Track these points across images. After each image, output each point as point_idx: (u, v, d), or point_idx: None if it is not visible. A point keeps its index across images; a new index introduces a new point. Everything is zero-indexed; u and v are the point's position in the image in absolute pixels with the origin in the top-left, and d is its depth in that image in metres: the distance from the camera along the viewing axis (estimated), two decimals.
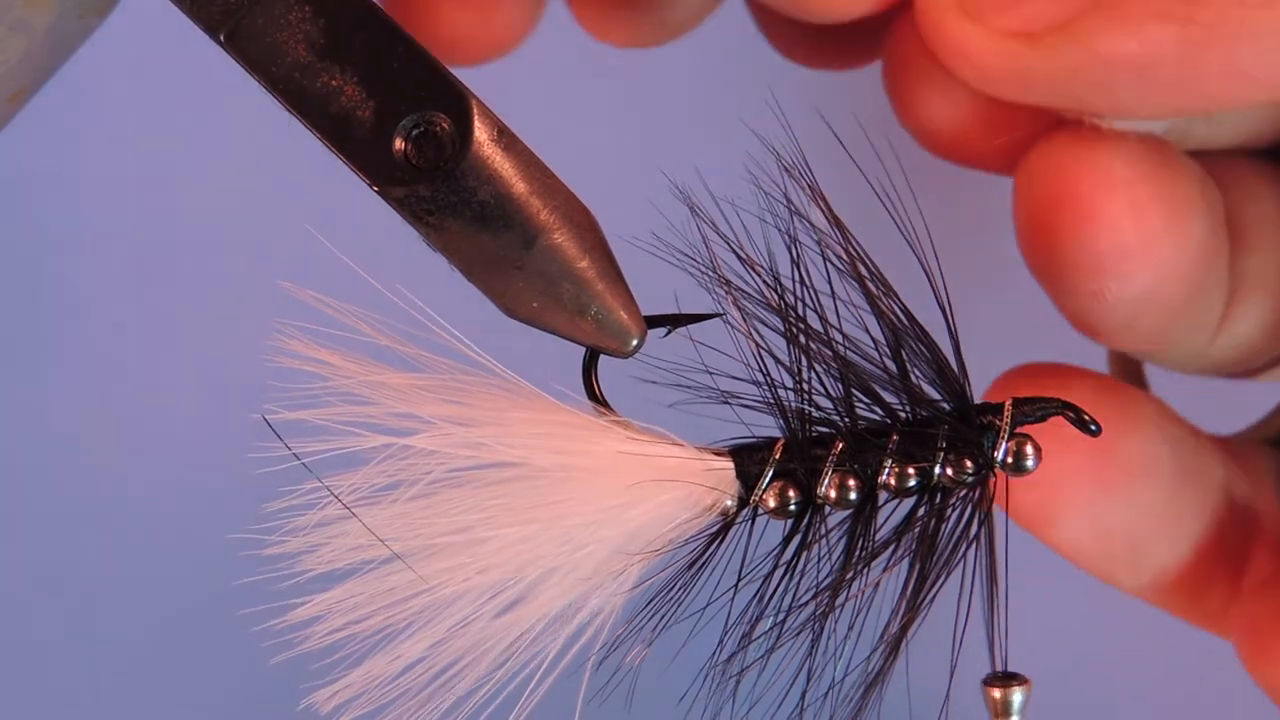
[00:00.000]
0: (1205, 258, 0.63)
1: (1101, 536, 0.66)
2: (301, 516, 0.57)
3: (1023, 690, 0.60)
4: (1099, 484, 0.65)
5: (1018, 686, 0.60)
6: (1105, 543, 0.67)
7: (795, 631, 0.59)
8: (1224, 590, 0.69)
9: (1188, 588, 0.69)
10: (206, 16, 0.56)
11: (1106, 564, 0.67)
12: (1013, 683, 0.60)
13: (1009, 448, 0.60)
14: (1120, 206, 0.61)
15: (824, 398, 0.60)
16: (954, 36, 0.59)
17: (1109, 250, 0.61)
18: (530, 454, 0.58)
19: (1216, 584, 0.69)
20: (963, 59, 0.59)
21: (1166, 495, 0.67)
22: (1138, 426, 0.66)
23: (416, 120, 0.57)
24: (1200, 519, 0.68)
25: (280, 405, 0.56)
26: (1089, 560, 0.67)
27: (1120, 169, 0.61)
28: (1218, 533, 0.68)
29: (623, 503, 0.58)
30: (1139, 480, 0.66)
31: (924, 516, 0.60)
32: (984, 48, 0.59)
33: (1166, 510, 0.67)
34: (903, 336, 0.60)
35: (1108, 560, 0.67)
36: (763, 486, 0.60)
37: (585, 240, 0.58)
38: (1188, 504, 0.68)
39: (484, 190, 0.57)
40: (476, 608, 0.58)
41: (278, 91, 0.57)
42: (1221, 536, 0.68)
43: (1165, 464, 0.67)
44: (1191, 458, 0.68)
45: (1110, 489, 0.65)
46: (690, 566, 0.59)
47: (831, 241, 0.60)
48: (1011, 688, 0.60)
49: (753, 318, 0.60)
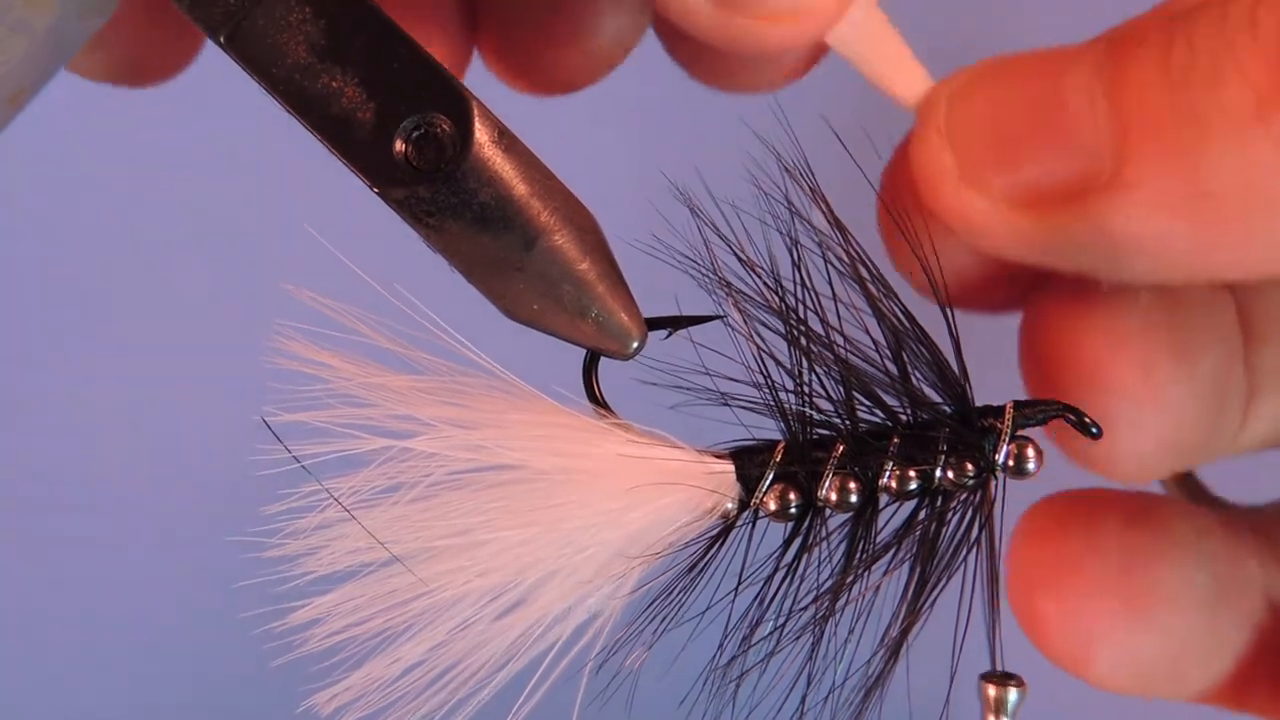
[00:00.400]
0: (1219, 384, 0.61)
1: (1139, 667, 0.64)
2: (301, 519, 0.57)
3: (1018, 691, 0.60)
4: (1132, 619, 0.63)
5: (1014, 687, 0.60)
6: (1144, 672, 0.64)
7: (796, 635, 0.59)
8: (1275, 685, 0.66)
9: (1236, 691, 0.66)
10: (207, 17, 0.56)
11: (1147, 689, 0.65)
12: (1010, 683, 0.60)
13: (1010, 451, 0.60)
14: (1127, 369, 0.59)
15: (825, 400, 0.60)
16: (954, 204, 0.57)
17: (1119, 414, 0.60)
18: (530, 456, 0.58)
19: (1264, 681, 0.66)
20: (964, 225, 0.57)
21: (1204, 619, 0.64)
22: (1169, 555, 0.64)
23: (417, 122, 0.57)
24: (1242, 632, 0.65)
25: (280, 407, 0.56)
26: (1130, 689, 0.65)
27: (1125, 327, 0.59)
28: (1261, 640, 0.65)
29: (623, 505, 0.58)
30: (1173, 610, 0.63)
31: (925, 520, 0.60)
32: (986, 216, 0.57)
33: (1206, 632, 0.64)
34: (904, 339, 0.60)
35: (1149, 686, 0.65)
36: (763, 489, 0.60)
37: (586, 242, 0.58)
38: (1227, 622, 0.65)
39: (484, 192, 0.57)
40: (476, 610, 0.58)
41: (278, 93, 0.57)
42: (1265, 641, 0.66)
43: (1200, 589, 0.64)
44: (1228, 572, 0.65)
45: (1144, 622, 0.63)
46: (690, 569, 0.59)
47: (832, 243, 0.60)
48: (1008, 687, 0.60)
49: (753, 320, 0.60)
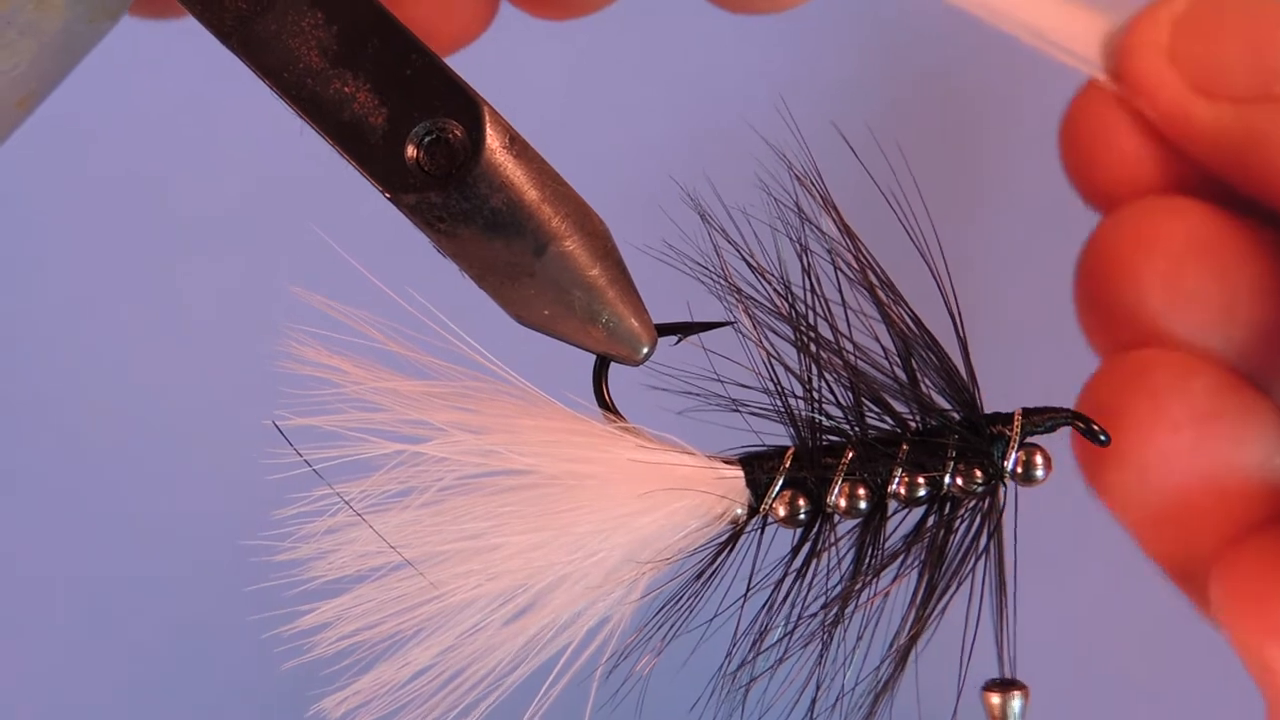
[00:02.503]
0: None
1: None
2: (312, 523, 0.57)
3: (1021, 697, 0.60)
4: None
5: (1017, 693, 0.60)
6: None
7: (804, 641, 0.59)
8: None
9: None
10: (218, 21, 0.56)
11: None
12: (1012, 689, 0.60)
13: (1019, 458, 0.60)
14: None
15: (834, 406, 0.60)
16: (1151, 72, 0.65)
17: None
18: (541, 461, 0.58)
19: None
20: (1151, 94, 0.65)
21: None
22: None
23: (429, 127, 0.57)
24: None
25: (291, 411, 0.56)
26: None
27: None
28: None
29: (633, 510, 0.58)
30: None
31: (933, 526, 0.60)
32: (1173, 91, 0.65)
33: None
34: (913, 345, 0.60)
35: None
36: (773, 495, 0.60)
37: (597, 248, 0.58)
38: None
39: (496, 197, 0.57)
40: (486, 615, 0.58)
41: (289, 97, 0.57)
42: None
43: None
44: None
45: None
46: (700, 575, 0.59)
47: (842, 250, 0.60)
48: (1011, 694, 0.60)
49: (763, 326, 0.60)
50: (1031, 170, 0.87)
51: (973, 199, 0.83)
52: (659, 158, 0.84)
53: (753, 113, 0.69)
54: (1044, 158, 0.87)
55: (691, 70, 0.85)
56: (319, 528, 0.57)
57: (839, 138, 0.62)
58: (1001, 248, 0.82)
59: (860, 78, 0.64)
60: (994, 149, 0.87)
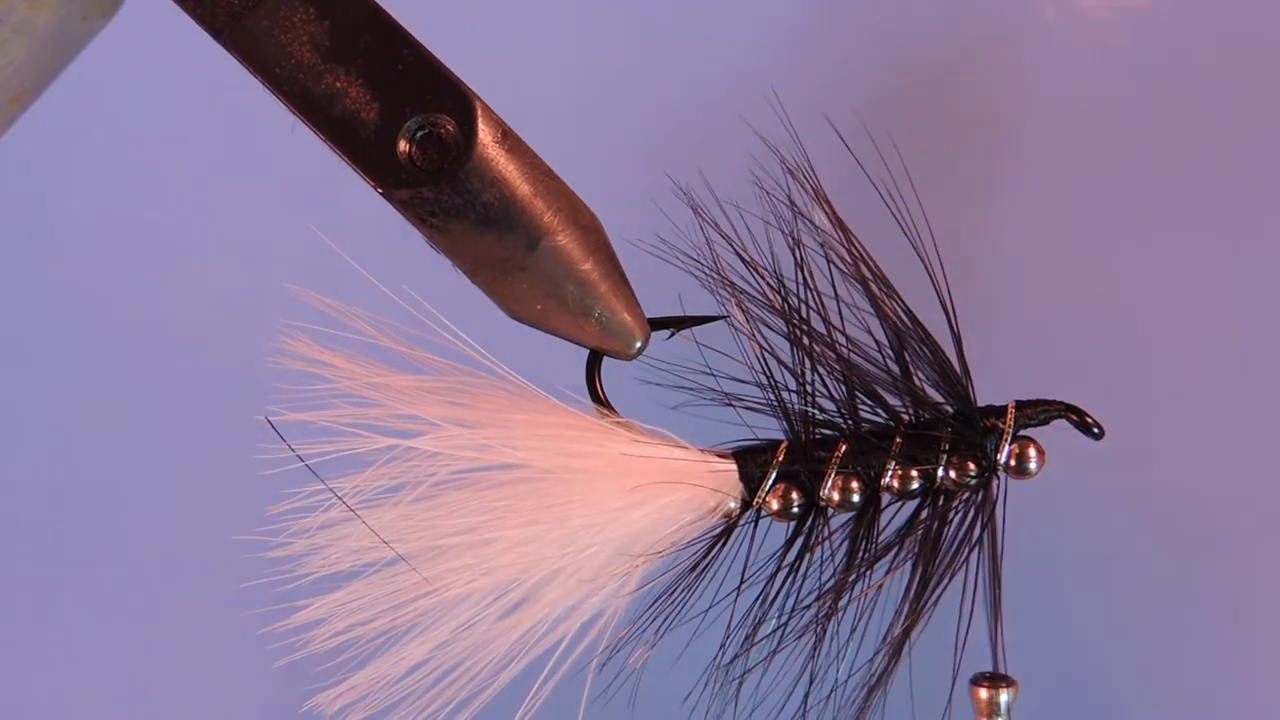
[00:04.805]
0: None
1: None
2: (306, 518, 0.57)
3: (1010, 691, 0.60)
4: None
5: (1005, 687, 0.60)
6: None
7: (798, 634, 0.59)
8: None
9: None
10: (210, 17, 0.56)
11: None
12: (1001, 683, 0.60)
13: (1012, 451, 0.60)
14: None
15: (827, 400, 0.61)
16: None
17: None
18: (534, 455, 0.58)
19: None
20: None
21: None
22: None
23: (421, 122, 0.57)
24: None
25: (284, 407, 0.56)
26: None
27: None
28: None
29: (626, 504, 0.58)
30: None
31: (927, 519, 0.60)
32: None
33: None
34: (906, 338, 0.60)
35: None
36: (766, 489, 0.60)
37: (589, 242, 0.58)
38: None
39: (488, 192, 0.57)
40: (480, 609, 0.58)
41: (281, 93, 0.57)
42: None
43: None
44: None
45: None
46: (693, 568, 0.60)
47: (835, 243, 0.60)
48: (1000, 688, 0.60)
49: (756, 320, 0.60)
50: (1025, 163, 0.87)
51: (966, 191, 0.83)
52: (651, 152, 0.84)
53: (745, 106, 0.69)
54: (1038, 149, 0.87)
55: (682, 63, 0.85)
56: (313, 523, 0.57)
57: (831, 130, 0.62)
58: (995, 240, 0.82)
59: (852, 70, 0.64)
60: (987, 141, 0.87)
